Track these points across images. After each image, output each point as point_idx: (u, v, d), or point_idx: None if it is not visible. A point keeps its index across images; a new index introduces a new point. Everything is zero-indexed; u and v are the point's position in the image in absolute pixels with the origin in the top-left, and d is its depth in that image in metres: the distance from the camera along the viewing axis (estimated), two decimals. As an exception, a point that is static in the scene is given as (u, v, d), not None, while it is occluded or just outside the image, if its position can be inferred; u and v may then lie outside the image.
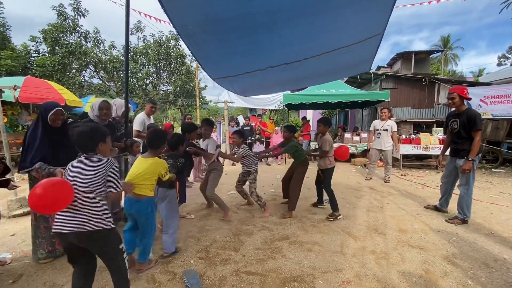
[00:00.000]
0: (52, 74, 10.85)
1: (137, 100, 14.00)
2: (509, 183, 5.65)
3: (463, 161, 3.35)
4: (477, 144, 3.24)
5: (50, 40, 11.06)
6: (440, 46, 28.52)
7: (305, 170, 3.82)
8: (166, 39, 14.18)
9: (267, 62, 3.32)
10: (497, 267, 2.39)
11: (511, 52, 27.74)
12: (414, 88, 11.15)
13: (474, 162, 3.34)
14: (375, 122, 6.09)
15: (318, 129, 3.73)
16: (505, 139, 7.51)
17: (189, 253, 2.68)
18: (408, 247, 2.80)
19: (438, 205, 3.89)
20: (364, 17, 2.54)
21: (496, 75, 16.75)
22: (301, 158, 3.78)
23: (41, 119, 2.43)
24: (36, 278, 2.28)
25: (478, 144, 3.25)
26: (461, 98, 3.39)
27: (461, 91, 3.40)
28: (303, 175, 3.80)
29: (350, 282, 2.19)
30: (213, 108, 27.30)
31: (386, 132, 5.74)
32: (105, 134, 1.80)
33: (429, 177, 6.40)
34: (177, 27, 2.24)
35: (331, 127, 3.85)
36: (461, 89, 3.44)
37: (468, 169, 3.26)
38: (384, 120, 5.85)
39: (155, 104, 4.53)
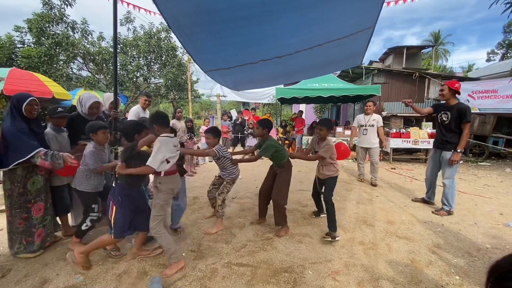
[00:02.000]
0: (38, 65, 10.50)
1: (127, 93, 13.74)
2: (494, 176, 5.84)
3: (450, 153, 3.45)
4: (466, 136, 3.36)
5: (35, 30, 10.68)
6: (431, 41, 28.83)
7: (290, 175, 3.09)
8: (156, 30, 13.88)
9: (259, 55, 3.30)
10: (479, 256, 2.49)
11: (500, 48, 28.26)
12: (405, 82, 11.31)
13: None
14: (359, 116, 5.40)
15: (321, 133, 2.95)
16: (492, 133, 7.72)
17: (181, 246, 2.69)
18: (395, 237, 2.88)
19: (426, 197, 3.99)
20: (355, 10, 2.54)
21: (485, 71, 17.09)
22: (283, 159, 3.02)
23: (16, 111, 2.37)
24: (26, 272, 2.26)
25: (467, 136, 3.36)
26: (451, 90, 3.47)
27: (451, 84, 3.48)
28: (288, 181, 3.04)
29: (338, 272, 2.24)
30: (206, 101, 27.10)
31: (372, 128, 5.15)
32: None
33: (417, 170, 6.55)
34: (167, 19, 2.19)
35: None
36: (452, 83, 3.51)
37: (456, 160, 3.39)
38: (369, 114, 5.21)
39: (150, 97, 4.45)
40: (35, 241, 2.54)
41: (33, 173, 2.48)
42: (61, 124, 2.84)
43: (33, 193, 2.49)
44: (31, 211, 2.49)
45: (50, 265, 2.36)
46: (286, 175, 3.04)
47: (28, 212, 2.48)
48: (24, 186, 2.43)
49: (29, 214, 2.49)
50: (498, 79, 8.23)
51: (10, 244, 2.50)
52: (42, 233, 2.59)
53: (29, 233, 2.50)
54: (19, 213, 2.44)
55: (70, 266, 2.31)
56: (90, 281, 2.13)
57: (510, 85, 7.30)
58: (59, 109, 2.80)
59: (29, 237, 2.50)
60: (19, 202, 2.42)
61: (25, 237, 2.48)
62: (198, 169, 7.02)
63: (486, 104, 7.80)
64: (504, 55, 26.84)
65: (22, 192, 2.43)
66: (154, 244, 2.66)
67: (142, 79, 14.45)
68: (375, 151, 5.17)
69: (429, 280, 2.13)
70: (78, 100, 3.03)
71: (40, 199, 2.55)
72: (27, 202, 2.46)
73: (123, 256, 2.52)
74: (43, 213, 2.58)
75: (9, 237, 2.49)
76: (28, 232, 2.49)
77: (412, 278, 2.16)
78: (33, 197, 2.50)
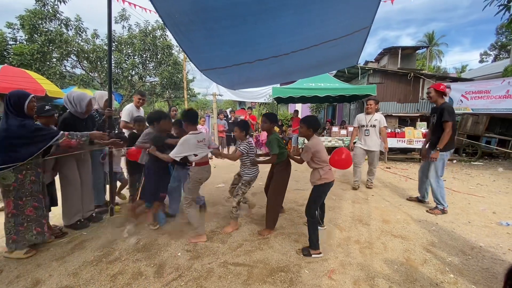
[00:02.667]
0: (30, 63, 10.33)
1: (122, 92, 13.62)
2: (487, 175, 5.93)
3: (433, 152, 3.54)
4: (446, 136, 3.41)
5: (28, 27, 10.50)
6: (425, 42, 29.13)
7: (287, 174, 3.01)
8: (152, 28, 13.76)
9: (256, 55, 3.29)
10: (473, 254, 2.52)
11: (493, 49, 28.71)
12: (400, 83, 11.40)
13: (445, 155, 3.51)
14: (360, 116, 4.95)
15: (301, 130, 2.72)
16: (484, 133, 7.83)
17: (177, 246, 2.67)
18: (390, 236, 2.90)
19: (420, 197, 4.04)
20: (352, 10, 2.54)
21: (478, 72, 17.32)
22: (281, 158, 2.95)
23: (16, 108, 2.33)
24: (18, 273, 2.22)
25: (447, 136, 3.41)
26: (436, 92, 3.59)
27: (437, 86, 3.64)
28: (284, 181, 3.00)
29: (334, 270, 2.25)
30: (202, 100, 26.94)
31: (374, 128, 4.69)
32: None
33: (412, 170, 6.61)
34: (162, 16, 2.17)
35: (319, 129, 3.02)
36: (438, 85, 3.68)
37: (434, 158, 3.46)
38: (371, 113, 4.78)
39: (144, 95, 4.41)
40: (45, 231, 2.56)
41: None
42: (50, 123, 2.79)
43: (43, 185, 2.56)
44: (42, 201, 2.53)
45: (43, 266, 2.32)
46: (283, 174, 2.98)
47: (40, 202, 2.50)
48: (38, 176, 2.48)
49: (40, 204, 2.51)
50: (491, 80, 8.35)
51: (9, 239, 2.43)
52: (51, 227, 2.72)
53: (39, 223, 2.51)
54: (30, 201, 2.44)
55: (63, 267, 2.28)
56: (83, 282, 2.10)
57: (502, 86, 7.41)
58: (46, 107, 2.74)
59: (39, 227, 2.52)
60: (31, 189, 2.43)
61: (35, 226, 2.49)
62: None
63: (479, 104, 7.91)
64: (496, 56, 27.29)
65: (35, 180, 2.45)
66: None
67: (137, 77, 14.31)
68: (376, 155, 4.79)
69: (424, 278, 2.14)
70: (68, 100, 2.93)
71: (44, 193, 2.61)
72: (39, 192, 2.50)
73: (160, 228, 3.04)
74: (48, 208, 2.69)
75: (7, 231, 2.42)
76: (38, 222, 2.50)
77: (407, 276, 2.17)
78: (42, 189, 2.54)
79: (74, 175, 3.02)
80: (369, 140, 4.72)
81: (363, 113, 4.96)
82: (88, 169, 3.24)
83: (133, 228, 3.04)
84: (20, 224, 2.42)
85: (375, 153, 4.77)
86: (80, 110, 2.95)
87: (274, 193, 2.95)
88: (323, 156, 2.57)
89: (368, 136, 4.73)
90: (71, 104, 2.93)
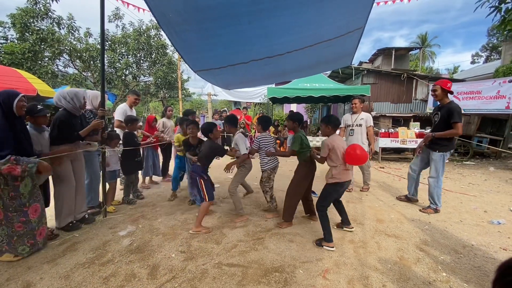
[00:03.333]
0: (22, 62, 10.16)
1: (116, 92, 13.48)
2: (478, 175, 6.02)
3: (436, 154, 3.50)
4: (450, 132, 3.33)
5: (19, 26, 10.32)
6: (418, 44, 29.51)
7: (310, 173, 3.11)
8: (146, 28, 13.64)
9: (250, 55, 3.28)
10: (465, 253, 2.55)
11: (484, 51, 29.22)
12: (394, 83, 11.52)
13: (446, 155, 3.49)
14: (346, 116, 4.77)
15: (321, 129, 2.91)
16: (476, 133, 7.96)
17: (171, 247, 2.65)
18: (384, 236, 2.92)
19: (409, 195, 4.05)
20: (346, 11, 2.55)
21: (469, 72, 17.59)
22: (303, 157, 3.07)
23: (5, 107, 2.27)
24: (8, 276, 2.17)
25: (450, 133, 3.33)
26: (443, 91, 3.42)
27: (444, 84, 3.41)
28: (304, 178, 3.10)
29: (329, 270, 2.26)
30: (197, 100, 26.85)
31: (360, 127, 4.49)
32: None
33: (405, 169, 6.66)
34: (156, 15, 2.15)
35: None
36: (445, 82, 3.44)
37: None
38: (356, 113, 4.59)
39: (139, 95, 4.38)
40: (37, 241, 2.50)
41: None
42: (42, 123, 2.74)
43: (26, 196, 2.41)
44: (28, 215, 2.42)
45: (34, 269, 2.28)
46: (305, 171, 3.10)
47: (26, 216, 2.41)
48: (17, 190, 2.34)
49: (27, 218, 2.41)
50: (482, 81, 8.49)
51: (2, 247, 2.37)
52: (44, 230, 2.59)
53: (30, 236, 2.44)
54: (16, 216, 2.36)
55: (55, 269, 2.24)
56: (75, 284, 2.06)
57: (493, 87, 7.54)
58: (38, 107, 2.69)
59: (32, 239, 2.45)
60: (14, 205, 2.34)
61: (27, 240, 2.42)
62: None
63: (471, 104, 8.03)
64: (488, 57, 27.78)
65: (14, 195, 2.34)
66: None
67: (131, 77, 14.18)
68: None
69: (417, 277, 2.17)
70: (62, 97, 2.88)
71: (33, 200, 2.48)
72: (23, 205, 2.39)
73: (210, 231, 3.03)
74: (39, 213, 2.53)
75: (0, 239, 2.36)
76: (29, 235, 2.44)
77: (401, 275, 2.19)
78: (27, 200, 2.42)
79: (69, 175, 2.97)
80: (353, 141, 4.39)
81: (349, 113, 4.80)
82: (82, 169, 3.20)
83: (127, 229, 3.01)
84: (11, 237, 2.37)
85: None
86: (78, 105, 2.94)
87: (293, 188, 3.12)
88: (338, 154, 2.66)
89: (352, 136, 4.53)
90: (66, 100, 2.88)
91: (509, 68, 11.67)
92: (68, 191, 2.98)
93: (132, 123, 3.93)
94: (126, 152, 3.82)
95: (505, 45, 14.89)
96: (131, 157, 3.88)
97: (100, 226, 3.19)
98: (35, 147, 2.56)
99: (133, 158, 3.91)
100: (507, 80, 7.36)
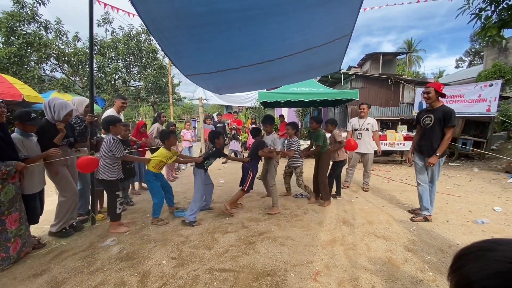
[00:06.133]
0: (7, 67, 9.90)
1: (105, 96, 13.25)
2: (463, 176, 6.21)
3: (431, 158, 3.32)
4: (447, 141, 3.23)
5: (5, 30, 10.06)
6: (405, 49, 30.33)
7: (329, 160, 4.16)
8: (136, 32, 13.54)
9: (240, 61, 3.32)
10: (451, 252, 2.63)
11: (467, 56, 30.29)
12: (382, 87, 11.80)
13: (441, 159, 3.35)
14: (353, 120, 5.09)
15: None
16: (460, 135, 8.21)
17: (162, 253, 2.63)
18: (374, 237, 2.98)
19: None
20: (333, 18, 2.63)
21: (454, 77, 18.17)
22: (325, 149, 4.11)
23: None
24: (-10, 288, 2.11)
25: (448, 141, 3.23)
26: (437, 93, 3.31)
27: (437, 86, 3.32)
28: (327, 165, 4.14)
29: (319, 273, 2.28)
30: (188, 105, 26.72)
31: (367, 132, 4.81)
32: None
33: (394, 171, 6.83)
34: (145, 21, 2.16)
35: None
36: (438, 85, 3.36)
37: (433, 163, 3.26)
38: (363, 117, 4.90)
39: (126, 99, 4.34)
40: (10, 255, 2.39)
41: (6, 182, 2.33)
42: (30, 130, 2.68)
43: (6, 204, 2.34)
44: (5, 224, 2.34)
45: (19, 279, 2.22)
46: (327, 160, 4.12)
47: (3, 225, 2.32)
48: None
49: (4, 227, 2.33)
50: (464, 85, 8.78)
51: None
52: (18, 243, 2.46)
53: (3, 248, 2.34)
54: None
55: (42, 279, 2.18)
56: (63, 294, 2.02)
57: (475, 91, 7.82)
58: (32, 115, 2.64)
59: (4, 252, 2.34)
60: None
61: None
62: (180, 174, 6.89)
63: (454, 107, 8.05)
64: (471, 62, 28.78)
65: None
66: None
67: (121, 81, 14.01)
68: (370, 158, 4.91)
69: (405, 277, 2.22)
70: (48, 106, 2.85)
71: (14, 209, 2.41)
72: (1, 214, 2.31)
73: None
74: (18, 223, 2.44)
75: None
76: (2, 247, 2.33)
77: (389, 276, 2.24)
78: (7, 208, 2.34)
79: (70, 181, 3.01)
80: (361, 143, 4.79)
81: (357, 117, 5.08)
82: (75, 176, 3.21)
83: (116, 236, 2.97)
84: None
85: (368, 156, 4.90)
86: (57, 119, 2.86)
87: (323, 174, 4.10)
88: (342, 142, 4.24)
89: (361, 139, 4.83)
90: (49, 110, 2.84)
91: (491, 72, 12.15)
92: (72, 198, 3.00)
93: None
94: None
95: (486, 51, 15.51)
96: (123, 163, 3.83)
97: (88, 233, 3.13)
98: (20, 152, 2.51)
99: (123, 165, 3.86)
100: (487, 84, 7.65)
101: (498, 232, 3.08)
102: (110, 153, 3.04)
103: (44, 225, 3.17)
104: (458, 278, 0.53)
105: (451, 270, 0.57)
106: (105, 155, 3.04)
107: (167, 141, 3.49)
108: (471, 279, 0.50)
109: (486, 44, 14.11)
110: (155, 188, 3.45)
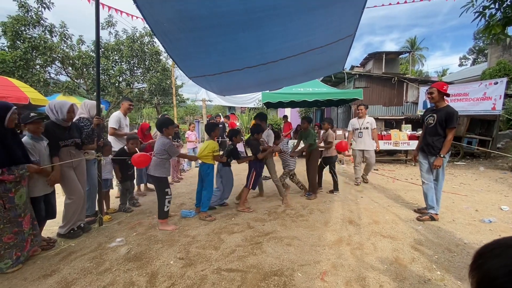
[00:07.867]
0: (13, 70, 10.04)
1: (109, 99, 13.37)
2: (469, 175, 6.16)
3: (434, 158, 3.37)
4: (449, 142, 3.25)
5: (10, 34, 10.21)
6: (408, 47, 30.14)
7: (319, 156, 4.64)
8: (140, 35, 13.64)
9: (244, 62, 3.34)
10: (458, 252, 2.62)
11: (471, 54, 30.02)
12: (385, 86, 11.74)
13: (445, 158, 3.35)
14: (353, 121, 5.55)
15: (324, 127, 4.78)
16: (465, 134, 8.15)
17: (169, 254, 2.65)
18: (380, 237, 2.97)
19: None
20: (337, 19, 2.64)
21: (457, 75, 18.04)
22: (314, 146, 4.55)
23: None
24: (2, 289, 2.14)
25: (450, 142, 3.26)
26: (440, 93, 3.32)
27: (440, 87, 3.33)
28: (317, 160, 4.59)
29: (326, 272, 2.29)
30: (191, 106, 26.77)
31: (367, 130, 5.27)
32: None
33: (399, 171, 6.79)
34: (150, 24, 2.19)
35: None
36: (441, 85, 3.37)
37: (438, 165, 3.29)
38: (362, 117, 5.37)
39: (132, 102, 4.40)
40: (23, 253, 2.46)
41: (19, 185, 2.39)
42: (37, 130, 2.72)
43: (22, 207, 2.40)
44: (22, 225, 2.40)
45: (29, 280, 2.25)
46: (316, 155, 4.59)
47: (20, 226, 2.39)
48: (12, 201, 2.33)
49: (21, 228, 2.40)
50: (469, 83, 8.71)
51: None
52: (29, 242, 2.52)
53: (20, 247, 2.41)
54: (9, 227, 2.33)
55: (51, 279, 2.22)
56: (73, 294, 2.05)
57: (480, 89, 7.76)
58: (31, 114, 2.70)
59: (20, 251, 2.42)
60: (8, 217, 2.32)
61: (15, 251, 2.39)
62: (185, 175, 6.93)
63: (459, 106, 8.20)
64: (475, 60, 28.52)
65: (10, 207, 2.32)
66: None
67: (124, 83, 14.11)
68: (372, 153, 5.30)
69: (413, 276, 2.21)
70: (50, 109, 2.91)
71: (28, 210, 2.48)
72: (18, 216, 2.37)
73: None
74: (30, 223, 2.51)
75: None
76: (19, 247, 2.41)
77: (397, 275, 2.23)
78: (23, 210, 2.41)
79: (76, 184, 3.04)
80: (362, 141, 5.30)
81: (356, 118, 5.56)
82: (83, 178, 3.23)
83: (124, 237, 3.00)
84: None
85: (370, 152, 5.30)
86: (62, 117, 2.90)
87: (312, 168, 4.53)
88: (334, 141, 4.68)
89: (361, 138, 5.31)
90: (52, 112, 2.89)
91: (495, 70, 12.05)
92: (78, 200, 3.04)
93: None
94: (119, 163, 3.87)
95: (490, 48, 15.37)
96: (124, 170, 3.93)
97: (96, 235, 3.16)
98: (32, 156, 2.56)
99: (125, 171, 3.93)
100: (492, 82, 7.59)
101: (506, 231, 3.06)
102: (165, 153, 3.24)
103: (52, 227, 3.21)
104: (480, 275, 0.54)
105: (472, 267, 0.57)
106: (159, 153, 3.24)
107: (213, 133, 3.76)
108: (493, 276, 0.51)
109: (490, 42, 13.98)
110: (211, 181, 3.68)
